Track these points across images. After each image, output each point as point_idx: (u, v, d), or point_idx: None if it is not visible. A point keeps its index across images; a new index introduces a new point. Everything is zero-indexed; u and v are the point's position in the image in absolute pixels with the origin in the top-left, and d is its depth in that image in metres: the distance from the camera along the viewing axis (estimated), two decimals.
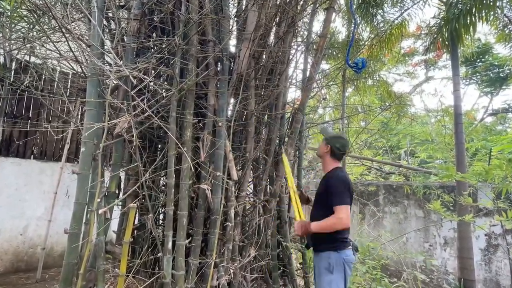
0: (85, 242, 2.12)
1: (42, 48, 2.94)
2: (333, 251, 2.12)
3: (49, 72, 4.03)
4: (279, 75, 3.05)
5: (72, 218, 2.10)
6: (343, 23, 6.50)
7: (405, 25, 5.69)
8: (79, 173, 2.13)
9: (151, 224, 2.25)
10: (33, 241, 4.58)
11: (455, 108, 4.91)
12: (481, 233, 4.78)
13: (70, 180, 4.44)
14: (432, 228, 5.28)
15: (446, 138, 7.39)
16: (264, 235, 2.87)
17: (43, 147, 4.86)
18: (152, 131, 2.56)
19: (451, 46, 4.86)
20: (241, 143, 2.86)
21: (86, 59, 2.39)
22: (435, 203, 3.56)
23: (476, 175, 3.62)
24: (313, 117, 4.77)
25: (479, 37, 10.82)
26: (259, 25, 2.57)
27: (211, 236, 2.37)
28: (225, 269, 2.40)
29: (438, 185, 5.28)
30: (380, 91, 7.35)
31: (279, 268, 2.97)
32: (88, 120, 2.15)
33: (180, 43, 2.26)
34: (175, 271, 2.18)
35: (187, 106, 2.37)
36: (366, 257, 3.91)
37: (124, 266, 2.04)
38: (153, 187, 2.51)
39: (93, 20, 2.15)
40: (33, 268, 4.38)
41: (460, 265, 4.43)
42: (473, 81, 12.17)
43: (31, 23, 3.23)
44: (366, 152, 9.04)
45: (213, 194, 2.39)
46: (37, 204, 4.62)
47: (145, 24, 2.49)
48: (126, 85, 2.16)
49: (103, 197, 2.19)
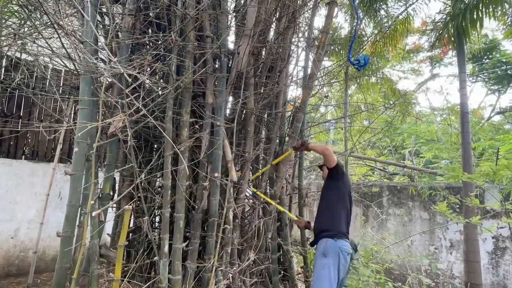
0: (79, 245, 2.12)
1: (34, 44, 2.93)
2: (330, 238, 2.35)
3: (41, 70, 4.02)
4: (279, 72, 3.05)
5: (65, 221, 2.10)
6: (346, 18, 6.50)
7: (410, 20, 5.69)
8: (72, 174, 2.13)
9: (147, 227, 2.25)
10: (25, 245, 4.57)
11: (461, 106, 4.90)
12: (488, 236, 4.78)
13: (63, 181, 4.43)
14: (437, 230, 5.28)
15: (452, 137, 7.40)
16: (264, 238, 2.87)
17: (34, 147, 4.85)
18: (147, 130, 2.56)
19: (457, 42, 4.85)
20: (240, 143, 2.86)
21: (79, 56, 2.38)
22: (441, 204, 3.56)
23: (483, 176, 3.63)
24: (315, 116, 4.76)
25: (486, 33, 10.83)
26: (258, 21, 2.57)
27: (209, 239, 2.37)
28: (223, 273, 2.40)
29: (444, 186, 5.28)
30: (384, 89, 7.34)
31: (280, 272, 2.97)
32: (81, 119, 2.15)
33: (176, 39, 2.26)
34: (171, 276, 2.18)
35: (184, 104, 2.37)
36: (369, 261, 3.91)
37: (119, 270, 2.03)
38: (149, 189, 2.51)
39: (86, 16, 2.15)
40: (24, 272, 4.37)
41: (466, 269, 4.43)
42: (480, 78, 12.18)
43: (22, 19, 3.22)
44: (370, 152, 9.04)
45: (211, 195, 2.39)
46: (29, 206, 4.61)
47: (140, 20, 2.49)
48: (120, 83, 2.16)
49: (97, 199, 2.19)
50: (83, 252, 2.12)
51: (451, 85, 17.43)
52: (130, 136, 2.06)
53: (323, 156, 2.50)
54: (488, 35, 11.07)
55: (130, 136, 2.06)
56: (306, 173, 7.08)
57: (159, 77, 2.79)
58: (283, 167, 3.02)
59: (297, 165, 3.45)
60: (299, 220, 2.83)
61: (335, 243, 2.30)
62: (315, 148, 2.67)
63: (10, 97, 4.52)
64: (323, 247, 2.33)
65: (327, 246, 2.30)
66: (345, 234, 2.40)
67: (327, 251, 2.29)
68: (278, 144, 3.15)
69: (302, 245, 3.42)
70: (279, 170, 3.00)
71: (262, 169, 2.92)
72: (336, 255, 2.27)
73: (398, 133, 9.97)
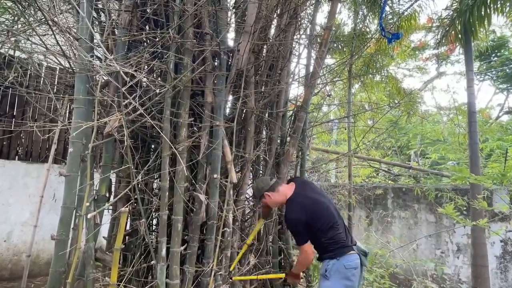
0: (73, 249, 2.12)
1: (28, 41, 2.94)
2: (331, 259, 2.27)
3: (35, 68, 4.02)
4: (280, 70, 3.05)
5: (59, 223, 2.10)
6: (349, 15, 6.50)
7: (415, 17, 5.69)
8: (67, 175, 2.13)
9: (143, 230, 2.25)
10: (18, 248, 4.57)
11: (468, 105, 4.90)
12: (496, 239, 4.77)
13: (57, 182, 4.43)
14: (444, 234, 5.27)
15: (459, 138, 7.39)
16: (265, 242, 2.87)
17: (28, 148, 4.86)
18: (144, 130, 2.56)
19: (464, 39, 4.85)
20: (240, 143, 2.86)
21: (74, 53, 2.39)
22: (448, 207, 3.55)
23: (491, 177, 3.62)
24: (317, 115, 4.76)
25: (494, 29, 10.82)
26: (259, 17, 2.57)
27: (208, 243, 2.37)
28: (223, 278, 2.40)
29: (450, 188, 5.28)
30: (388, 87, 7.33)
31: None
32: (77, 119, 2.15)
33: (174, 36, 2.26)
34: (169, 280, 2.18)
35: (182, 103, 2.37)
36: (373, 265, 3.91)
37: (115, 274, 2.03)
38: (146, 190, 2.51)
39: (81, 12, 2.15)
40: (17, 276, 4.37)
41: (474, 274, 4.42)
42: (488, 76, 12.17)
43: (16, 15, 3.22)
44: (374, 153, 9.04)
45: (210, 197, 2.39)
46: (22, 208, 4.61)
47: (137, 16, 2.49)
48: (117, 81, 2.16)
49: (93, 201, 2.19)
50: (78, 256, 2.12)
51: (458, 83, 17.44)
52: (126, 136, 2.06)
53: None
54: (496, 31, 11.06)
55: (127, 136, 2.06)
56: (308, 174, 7.08)
57: (157, 75, 2.79)
58: (284, 168, 3.02)
59: (299, 166, 3.45)
60: (291, 276, 2.63)
61: (338, 263, 2.23)
62: (298, 269, 2.57)
63: (3, 96, 4.53)
64: (323, 270, 2.28)
65: (328, 267, 2.25)
66: (348, 246, 2.30)
67: (329, 273, 2.23)
68: (279, 144, 3.15)
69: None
70: (280, 172, 3.01)
71: (241, 250, 2.63)
72: (341, 275, 2.20)
73: (403, 133, 9.96)
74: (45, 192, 4.27)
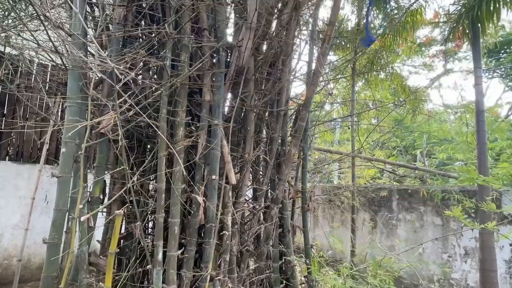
0: (66, 253, 2.12)
1: (18, 37, 2.94)
2: None
3: (26, 64, 4.02)
4: (281, 67, 3.05)
5: (51, 227, 2.10)
6: (353, 10, 6.49)
7: (422, 11, 5.68)
8: (60, 177, 2.13)
9: (139, 233, 2.25)
10: (8, 252, 4.57)
11: (476, 103, 4.89)
12: (505, 243, 4.77)
13: (50, 184, 4.43)
14: (451, 237, 5.27)
15: (467, 137, 7.39)
16: (265, 245, 2.87)
17: (19, 148, 4.86)
18: (140, 130, 2.56)
19: (472, 35, 4.85)
20: (240, 143, 2.86)
21: (67, 49, 2.38)
22: (455, 209, 3.55)
23: (500, 178, 3.61)
24: (319, 114, 4.76)
25: (503, 24, 10.81)
26: (262, 13, 2.57)
27: (206, 246, 2.37)
28: (221, 283, 2.40)
29: (458, 189, 5.28)
30: (393, 85, 7.33)
31: (282, 281, 2.97)
32: (69, 118, 2.15)
33: (171, 32, 2.26)
34: (166, 285, 2.18)
35: (179, 102, 2.37)
36: (378, 270, 3.90)
37: (109, 279, 2.03)
38: (142, 192, 2.51)
39: (74, 7, 2.15)
40: (8, 281, 4.37)
41: (482, 279, 4.42)
42: (496, 74, 12.17)
43: (6, 10, 3.22)
44: (378, 153, 9.02)
45: (208, 199, 2.38)
46: (13, 210, 4.61)
47: (132, 11, 2.49)
48: (111, 79, 2.16)
49: (86, 203, 2.19)
50: (71, 260, 2.12)
51: (466, 81, 17.40)
52: (121, 136, 2.05)
53: None
54: (505, 27, 11.05)
55: (122, 136, 2.06)
56: (310, 175, 7.08)
57: (153, 72, 2.79)
58: (286, 169, 3.02)
59: (301, 167, 3.45)
60: None
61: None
62: None
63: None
64: None
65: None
66: None
67: None
68: (280, 144, 3.15)
69: (305, 252, 3.42)
70: (281, 173, 3.00)
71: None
72: None
73: (409, 132, 9.96)
74: (37, 194, 4.26)
